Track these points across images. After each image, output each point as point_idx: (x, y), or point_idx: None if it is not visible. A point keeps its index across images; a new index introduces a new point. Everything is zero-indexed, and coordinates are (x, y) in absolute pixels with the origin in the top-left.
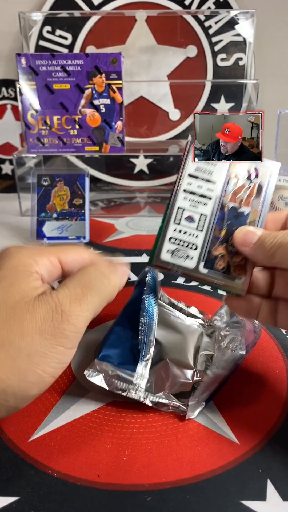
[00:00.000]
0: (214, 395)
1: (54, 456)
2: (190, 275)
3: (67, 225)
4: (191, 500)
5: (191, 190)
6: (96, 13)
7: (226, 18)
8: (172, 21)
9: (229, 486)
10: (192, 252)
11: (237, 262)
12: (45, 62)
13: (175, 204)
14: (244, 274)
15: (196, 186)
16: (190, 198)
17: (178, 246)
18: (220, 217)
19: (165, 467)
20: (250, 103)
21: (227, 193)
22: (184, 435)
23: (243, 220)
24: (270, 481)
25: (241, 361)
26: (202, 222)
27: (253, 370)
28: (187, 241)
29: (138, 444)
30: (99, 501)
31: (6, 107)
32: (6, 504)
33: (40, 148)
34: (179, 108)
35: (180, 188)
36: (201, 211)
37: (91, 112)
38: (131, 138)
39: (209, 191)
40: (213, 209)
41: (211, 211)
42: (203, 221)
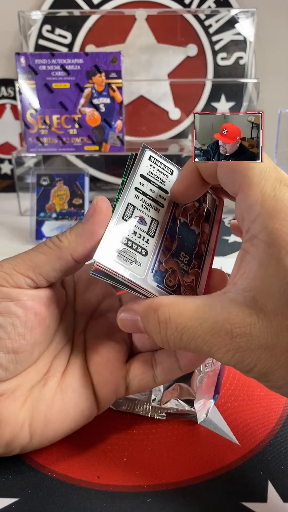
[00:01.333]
0: (219, 388)
1: (53, 457)
2: (134, 284)
3: (66, 225)
4: (191, 502)
5: (143, 191)
6: (96, 12)
7: (226, 17)
8: (172, 20)
9: (229, 487)
10: (140, 258)
11: (187, 283)
12: (45, 61)
13: (125, 199)
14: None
15: (148, 189)
16: (142, 198)
17: (125, 246)
18: (172, 228)
19: (165, 468)
20: (251, 103)
21: (179, 207)
22: (184, 436)
23: (194, 239)
24: (271, 483)
25: None
26: (153, 228)
27: None
28: (136, 243)
29: (138, 445)
30: (99, 502)
31: (5, 107)
32: (6, 505)
33: (39, 148)
34: (179, 107)
35: (132, 185)
36: (153, 216)
37: (91, 111)
38: (131, 137)
39: (161, 198)
40: (165, 217)
41: (162, 218)
42: (154, 226)
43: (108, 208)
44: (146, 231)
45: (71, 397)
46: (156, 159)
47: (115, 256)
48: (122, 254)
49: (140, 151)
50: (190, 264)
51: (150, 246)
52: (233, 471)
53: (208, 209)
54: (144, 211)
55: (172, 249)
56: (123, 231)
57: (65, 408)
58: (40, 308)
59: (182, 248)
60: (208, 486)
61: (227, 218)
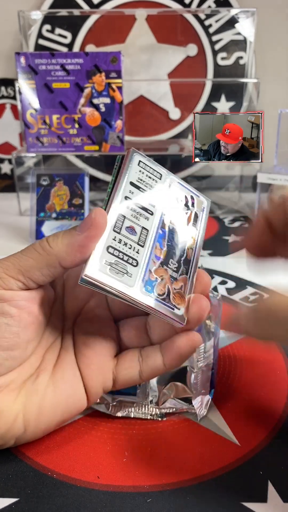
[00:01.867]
0: (214, 382)
1: (53, 457)
2: (125, 295)
3: (66, 225)
4: (191, 502)
5: (133, 199)
6: (96, 12)
7: (226, 17)
8: (172, 20)
9: (229, 487)
10: (131, 269)
11: (176, 290)
12: (45, 61)
13: (116, 209)
14: (183, 303)
15: (138, 197)
16: (132, 207)
17: (116, 258)
18: (161, 236)
19: (165, 469)
20: (251, 102)
21: (168, 213)
22: (184, 436)
23: (182, 244)
24: (271, 483)
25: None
26: (143, 237)
27: (253, 371)
28: (127, 254)
29: (138, 445)
30: (99, 502)
31: (5, 106)
32: (6, 505)
33: (39, 148)
34: (179, 107)
35: (121, 193)
36: (143, 225)
37: (91, 111)
38: (131, 137)
39: (151, 206)
40: (154, 225)
41: (152, 226)
42: (144, 235)
43: (104, 223)
44: (137, 241)
45: (62, 388)
46: (145, 164)
47: (107, 269)
48: (113, 266)
49: (130, 157)
50: (178, 270)
51: (140, 256)
52: (233, 471)
53: (196, 212)
54: (134, 220)
55: (161, 257)
56: (114, 243)
57: (57, 399)
58: (32, 307)
59: (170, 255)
60: (208, 486)
61: (228, 218)
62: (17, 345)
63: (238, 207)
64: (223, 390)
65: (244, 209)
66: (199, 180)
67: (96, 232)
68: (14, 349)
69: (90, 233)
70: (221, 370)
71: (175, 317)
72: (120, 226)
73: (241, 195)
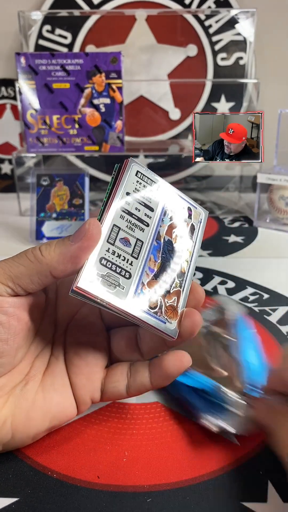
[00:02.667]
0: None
1: (53, 457)
2: (116, 308)
3: (66, 225)
4: (191, 502)
5: (128, 210)
6: (96, 12)
7: (226, 17)
8: (172, 20)
9: (229, 487)
10: (123, 281)
11: (169, 303)
12: (45, 61)
13: (111, 220)
14: (175, 316)
15: (134, 208)
16: (127, 218)
17: (109, 270)
18: (156, 248)
19: (165, 468)
20: (251, 103)
21: (164, 224)
22: (184, 436)
23: (178, 256)
24: (271, 483)
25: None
26: (138, 248)
27: None
28: (120, 266)
29: (138, 445)
30: (99, 502)
31: (6, 107)
32: (6, 505)
33: (39, 148)
34: (179, 108)
35: (117, 204)
36: (138, 236)
37: (91, 111)
38: (131, 137)
39: (146, 216)
40: (150, 237)
41: (147, 238)
42: (139, 247)
43: (98, 234)
44: (130, 253)
45: (52, 396)
46: (142, 174)
47: (98, 281)
48: (105, 278)
49: (127, 166)
50: (172, 283)
51: (134, 268)
52: (233, 471)
53: (193, 224)
54: (128, 231)
55: (155, 269)
56: (108, 254)
57: (46, 406)
58: (21, 314)
59: (164, 267)
60: (208, 486)
61: (228, 218)
62: (6, 352)
63: (238, 207)
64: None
65: (244, 209)
66: (199, 180)
67: (89, 244)
68: (3, 356)
69: (83, 244)
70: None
71: (166, 330)
72: (114, 238)
73: (241, 195)
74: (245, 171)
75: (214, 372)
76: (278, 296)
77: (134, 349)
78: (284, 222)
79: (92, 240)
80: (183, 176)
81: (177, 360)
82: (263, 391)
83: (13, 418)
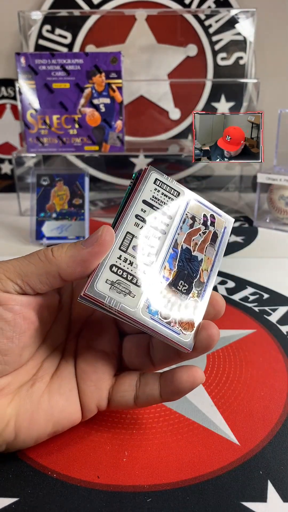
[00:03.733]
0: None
1: (53, 457)
2: (126, 316)
3: (66, 225)
4: (191, 502)
5: (144, 218)
6: (96, 12)
7: (226, 17)
8: (172, 20)
9: (229, 487)
10: (134, 289)
11: (185, 313)
12: (45, 61)
13: (124, 227)
14: (191, 327)
15: (150, 216)
16: (142, 226)
17: (119, 277)
18: (172, 256)
19: (165, 468)
20: (251, 103)
21: (182, 232)
22: (184, 436)
23: (196, 265)
24: (271, 482)
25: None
26: (152, 257)
27: (253, 371)
28: (131, 274)
29: (138, 445)
30: (99, 502)
31: (5, 107)
32: (6, 505)
33: (39, 148)
34: (179, 107)
35: (132, 212)
36: (153, 244)
37: (91, 111)
38: (131, 137)
39: (164, 224)
40: (166, 245)
41: (163, 246)
42: (153, 255)
43: (111, 241)
44: (143, 260)
45: (57, 399)
46: (162, 182)
47: (107, 288)
48: (115, 285)
49: (146, 174)
50: (189, 293)
51: (146, 277)
52: (233, 471)
53: (215, 232)
54: (143, 239)
55: (170, 278)
56: (119, 261)
57: (51, 410)
58: (28, 313)
59: (181, 276)
60: (208, 486)
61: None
62: (11, 350)
63: (238, 207)
64: (223, 390)
65: (244, 209)
66: (199, 180)
67: (101, 249)
68: (7, 354)
69: (94, 249)
70: (221, 370)
71: (180, 342)
72: (127, 245)
73: (241, 195)
74: (245, 171)
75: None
76: (278, 296)
77: (146, 358)
78: (284, 222)
79: (104, 246)
80: (183, 176)
81: (190, 376)
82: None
83: (17, 418)
